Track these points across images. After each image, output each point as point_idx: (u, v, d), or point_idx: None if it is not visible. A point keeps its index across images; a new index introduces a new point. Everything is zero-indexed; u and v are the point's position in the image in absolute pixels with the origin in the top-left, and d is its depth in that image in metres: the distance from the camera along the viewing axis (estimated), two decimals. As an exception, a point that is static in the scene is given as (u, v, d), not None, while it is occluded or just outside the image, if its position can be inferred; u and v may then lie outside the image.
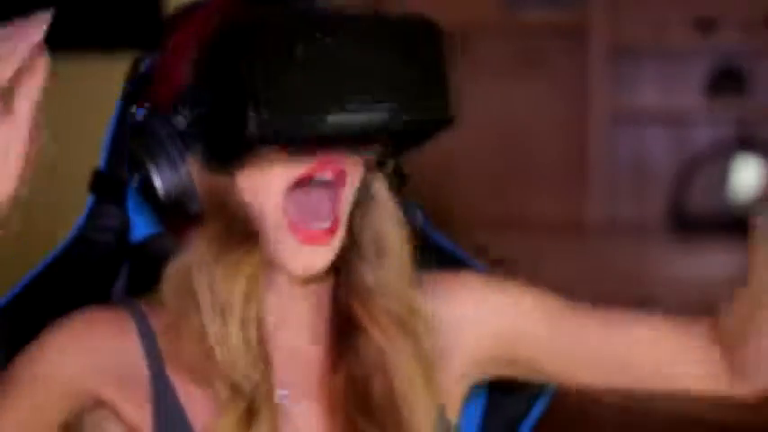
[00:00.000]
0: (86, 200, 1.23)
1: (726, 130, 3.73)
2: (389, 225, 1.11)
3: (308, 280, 1.08)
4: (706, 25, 3.61)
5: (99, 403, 1.05)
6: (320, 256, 1.04)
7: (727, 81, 3.65)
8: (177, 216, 1.04)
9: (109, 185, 1.21)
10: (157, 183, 1.01)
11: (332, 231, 1.04)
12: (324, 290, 1.11)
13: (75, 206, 1.30)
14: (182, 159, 1.01)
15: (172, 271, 1.05)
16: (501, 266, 1.47)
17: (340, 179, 1.04)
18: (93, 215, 1.21)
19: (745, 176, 3.67)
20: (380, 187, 1.11)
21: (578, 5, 3.65)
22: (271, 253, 1.05)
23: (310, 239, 1.03)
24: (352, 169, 1.05)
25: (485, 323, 1.15)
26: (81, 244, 1.21)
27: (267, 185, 1.03)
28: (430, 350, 1.11)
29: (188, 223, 1.05)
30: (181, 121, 1.02)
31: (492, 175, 3.84)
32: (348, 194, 1.06)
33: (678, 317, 1.19)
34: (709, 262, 3.42)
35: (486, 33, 3.80)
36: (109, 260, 1.13)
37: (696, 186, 3.69)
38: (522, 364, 1.17)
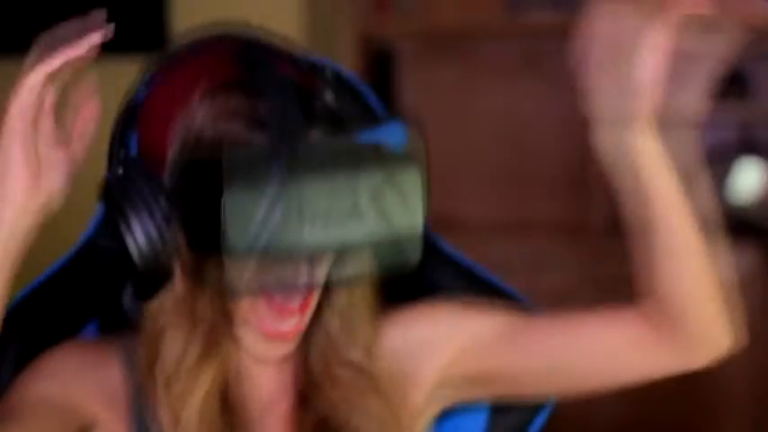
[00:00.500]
0: (95, 205, 1.23)
1: (728, 133, 3.73)
2: (357, 298, 1.13)
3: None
4: (707, 27, 3.61)
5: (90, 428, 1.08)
6: (288, 346, 1.08)
7: (729, 84, 3.65)
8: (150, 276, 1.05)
9: None
10: (132, 248, 1.02)
11: (298, 329, 1.07)
12: (286, 358, 1.13)
13: (80, 210, 1.30)
14: (166, 226, 1.02)
15: (146, 320, 1.09)
16: (502, 268, 1.48)
17: (313, 292, 1.07)
18: (102, 222, 1.22)
19: (747, 179, 3.67)
20: None
21: (580, 8, 3.65)
22: (238, 340, 1.08)
23: (278, 337, 1.07)
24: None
25: (442, 346, 1.17)
26: (90, 251, 1.22)
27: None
28: (392, 394, 1.13)
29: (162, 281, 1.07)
30: (165, 200, 1.03)
31: (493, 176, 3.85)
32: (312, 302, 1.08)
33: (605, 307, 1.18)
34: (711, 264, 3.41)
35: (488, 35, 3.81)
36: (118, 267, 1.14)
37: (698, 189, 3.69)
38: (485, 382, 1.18)
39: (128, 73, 1.27)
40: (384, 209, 1.00)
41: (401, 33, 3.80)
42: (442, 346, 1.17)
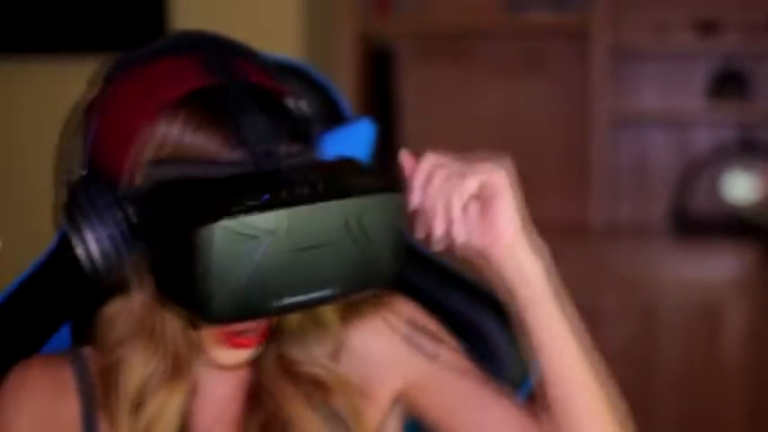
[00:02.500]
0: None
1: (727, 133, 3.73)
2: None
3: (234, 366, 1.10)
4: (708, 28, 3.61)
5: None
6: (249, 354, 1.07)
7: (728, 83, 3.65)
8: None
9: None
10: (90, 255, 0.99)
11: (263, 336, 1.06)
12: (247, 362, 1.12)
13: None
14: (120, 237, 0.98)
15: (100, 328, 1.07)
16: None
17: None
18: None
19: (747, 179, 3.67)
20: None
21: (580, 7, 3.66)
22: (200, 350, 1.06)
23: (240, 345, 1.05)
24: None
25: (399, 369, 1.16)
26: (61, 258, 1.19)
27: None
28: (344, 397, 1.12)
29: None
30: (127, 216, 0.98)
31: (494, 176, 3.85)
32: None
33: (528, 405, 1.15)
34: (710, 264, 3.42)
35: (489, 35, 3.81)
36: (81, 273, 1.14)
37: (698, 189, 3.69)
38: (417, 411, 1.17)
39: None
40: (363, 238, 0.98)
41: (401, 33, 3.80)
42: (398, 369, 1.16)
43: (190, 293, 0.92)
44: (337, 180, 0.99)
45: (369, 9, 3.74)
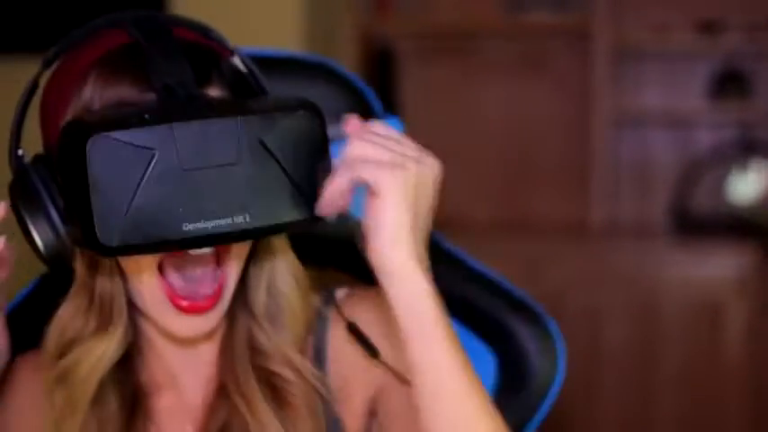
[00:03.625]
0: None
1: (729, 133, 3.73)
2: (288, 285, 1.10)
3: (194, 340, 1.10)
4: (709, 27, 3.61)
5: None
6: (206, 322, 1.05)
7: (730, 83, 3.65)
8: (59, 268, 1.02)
9: None
10: (37, 241, 0.98)
11: (216, 296, 1.04)
12: (207, 347, 1.12)
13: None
14: (61, 220, 0.97)
15: (50, 330, 1.09)
16: (501, 267, 1.48)
17: (220, 256, 1.03)
18: None
19: (748, 179, 3.67)
20: (279, 246, 1.10)
21: (581, 7, 3.66)
22: (153, 320, 1.06)
23: (194, 309, 1.03)
24: (240, 251, 1.05)
25: (369, 372, 1.13)
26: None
27: (137, 265, 1.03)
28: (312, 407, 1.10)
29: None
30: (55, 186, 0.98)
31: (494, 176, 3.85)
32: (236, 265, 1.05)
33: None
34: (711, 264, 3.42)
35: (490, 35, 3.80)
36: None
37: (699, 188, 3.69)
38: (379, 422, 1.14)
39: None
40: (268, 161, 0.94)
41: (401, 32, 3.80)
42: (367, 375, 1.14)
43: (84, 220, 0.90)
44: (231, 101, 0.97)
45: (370, 9, 3.74)
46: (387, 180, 0.94)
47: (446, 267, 1.35)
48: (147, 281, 1.03)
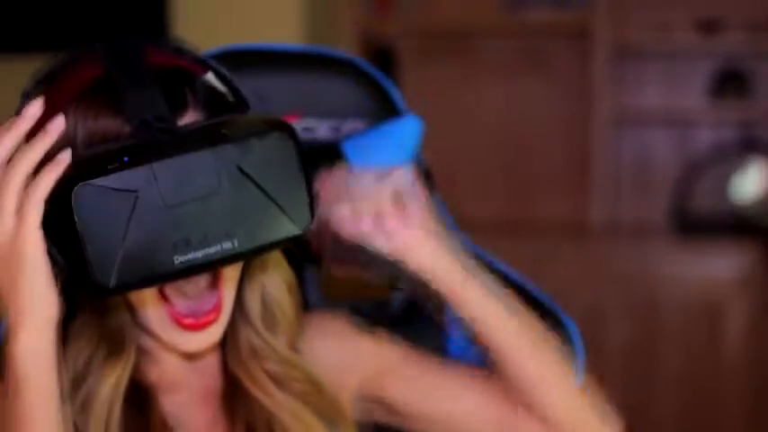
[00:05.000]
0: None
1: (729, 132, 3.73)
2: (279, 289, 1.16)
3: (197, 354, 1.13)
4: (709, 27, 3.61)
5: None
6: (209, 336, 1.09)
7: (730, 83, 3.65)
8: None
9: None
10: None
11: (216, 311, 1.08)
12: (211, 355, 1.16)
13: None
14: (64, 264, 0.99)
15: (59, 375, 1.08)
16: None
17: (218, 276, 1.08)
18: None
19: (748, 178, 3.67)
20: (269, 254, 1.13)
21: (581, 6, 3.65)
22: (159, 340, 1.10)
23: (198, 326, 1.08)
24: (235, 266, 1.08)
25: (361, 366, 1.20)
26: None
27: (140, 297, 1.07)
28: (317, 401, 1.15)
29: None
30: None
31: (494, 175, 3.85)
32: (232, 281, 1.09)
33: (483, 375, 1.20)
34: (711, 263, 3.42)
35: (489, 33, 3.80)
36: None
37: (699, 188, 3.69)
38: (386, 408, 1.20)
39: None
40: (248, 185, 0.97)
41: (401, 32, 3.80)
42: (352, 369, 1.20)
43: (79, 265, 0.94)
44: (206, 131, 0.99)
45: (369, 8, 3.74)
46: (407, 182, 1.11)
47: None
48: (152, 308, 1.07)
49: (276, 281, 1.15)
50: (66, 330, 1.09)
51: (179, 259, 0.95)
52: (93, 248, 0.93)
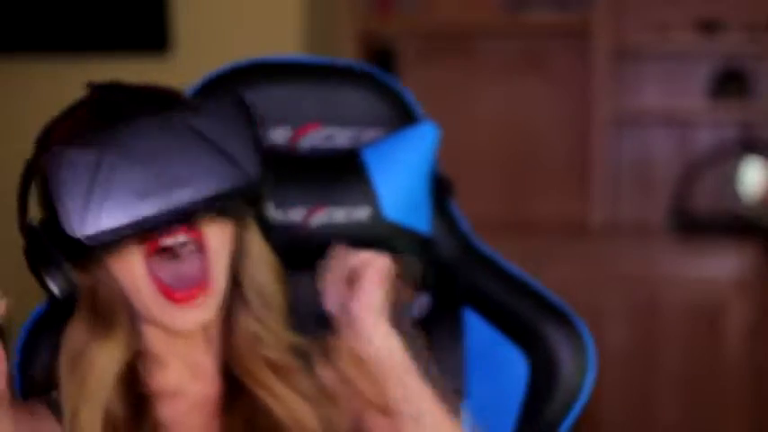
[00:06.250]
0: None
1: (729, 132, 3.73)
2: (266, 277, 1.22)
3: (195, 354, 1.18)
4: (709, 27, 3.61)
5: None
6: (197, 314, 1.14)
7: (730, 83, 3.65)
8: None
9: None
10: (53, 288, 1.12)
11: (203, 290, 1.13)
12: (209, 356, 1.20)
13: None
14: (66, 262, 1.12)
15: (61, 357, 1.16)
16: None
17: (200, 242, 1.14)
18: None
19: (749, 178, 3.67)
20: (252, 240, 1.21)
21: (582, 7, 3.66)
22: (153, 320, 1.15)
23: (183, 300, 1.13)
24: (216, 231, 1.15)
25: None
26: None
27: (127, 262, 1.13)
28: (314, 387, 1.20)
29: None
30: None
31: (494, 175, 3.85)
32: (217, 254, 1.15)
33: None
34: (712, 264, 3.42)
35: (490, 34, 3.80)
36: None
37: (699, 188, 3.69)
38: None
39: (128, 73, 1.27)
40: (202, 141, 1.10)
41: (402, 32, 3.80)
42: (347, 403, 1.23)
43: (59, 220, 1.07)
44: (162, 97, 1.14)
45: (370, 8, 3.74)
46: (367, 272, 1.18)
47: (481, 269, 1.41)
48: (141, 282, 1.13)
49: (263, 269, 1.21)
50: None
51: (143, 209, 1.07)
52: (65, 206, 1.06)
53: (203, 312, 1.14)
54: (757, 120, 3.71)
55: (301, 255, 1.36)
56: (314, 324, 1.29)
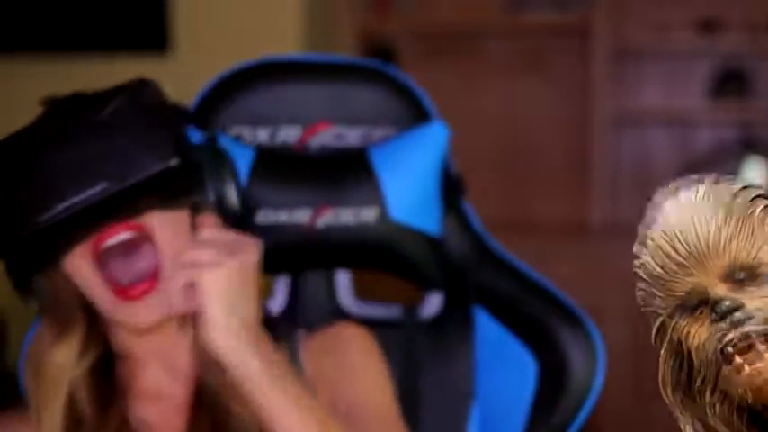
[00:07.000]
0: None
1: (728, 132, 3.73)
2: None
3: (154, 328, 1.16)
4: (709, 27, 3.61)
5: None
6: (151, 309, 1.12)
7: (729, 83, 3.65)
8: None
9: None
10: (32, 302, 1.17)
11: (152, 283, 1.11)
12: (187, 356, 1.18)
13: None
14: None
15: (25, 361, 1.19)
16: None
17: (145, 236, 1.12)
18: None
19: (748, 178, 3.67)
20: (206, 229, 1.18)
21: (582, 7, 3.66)
22: (115, 321, 1.14)
23: (138, 296, 1.11)
24: (165, 222, 1.13)
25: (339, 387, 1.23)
26: None
27: (78, 266, 1.12)
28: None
29: None
30: None
31: (494, 176, 3.85)
32: (170, 244, 1.13)
33: None
34: (711, 264, 3.41)
35: (490, 34, 3.80)
36: None
37: (699, 188, 3.69)
38: None
39: (128, 73, 1.27)
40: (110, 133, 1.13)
41: (401, 32, 3.80)
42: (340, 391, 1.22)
43: (11, 223, 1.12)
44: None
45: (369, 8, 3.74)
46: (205, 278, 1.10)
47: (493, 268, 1.41)
48: (91, 283, 1.12)
49: None
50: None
51: (61, 205, 1.09)
52: (12, 201, 1.11)
53: (160, 305, 1.12)
54: (757, 120, 3.71)
55: (308, 256, 1.35)
56: (320, 323, 1.28)
